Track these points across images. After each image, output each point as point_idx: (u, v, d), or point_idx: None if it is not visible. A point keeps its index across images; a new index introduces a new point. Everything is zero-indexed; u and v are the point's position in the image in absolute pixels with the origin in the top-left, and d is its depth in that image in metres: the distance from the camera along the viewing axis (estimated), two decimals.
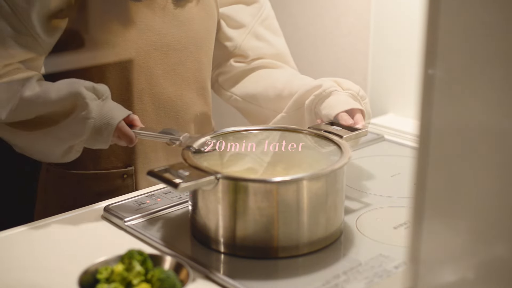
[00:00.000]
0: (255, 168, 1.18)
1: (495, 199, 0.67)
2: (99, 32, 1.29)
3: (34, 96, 1.25)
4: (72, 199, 1.39)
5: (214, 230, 1.10)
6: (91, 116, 1.22)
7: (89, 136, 1.24)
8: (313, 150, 1.24)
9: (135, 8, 1.31)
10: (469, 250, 0.71)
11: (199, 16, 1.40)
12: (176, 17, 1.37)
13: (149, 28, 1.33)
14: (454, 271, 0.72)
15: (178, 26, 1.37)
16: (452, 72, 0.66)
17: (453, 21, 0.65)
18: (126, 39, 1.31)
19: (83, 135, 1.24)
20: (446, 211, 0.71)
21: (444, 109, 0.68)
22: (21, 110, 1.27)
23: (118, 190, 1.40)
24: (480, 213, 0.69)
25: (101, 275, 0.95)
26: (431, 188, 0.70)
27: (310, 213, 1.08)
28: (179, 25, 1.37)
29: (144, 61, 1.34)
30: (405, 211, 1.25)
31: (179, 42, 1.38)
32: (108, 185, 1.40)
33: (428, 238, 0.72)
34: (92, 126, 1.23)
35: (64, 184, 1.41)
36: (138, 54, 1.33)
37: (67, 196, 1.41)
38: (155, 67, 1.36)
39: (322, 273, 1.04)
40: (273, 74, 1.49)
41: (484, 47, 0.64)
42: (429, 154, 0.69)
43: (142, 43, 1.33)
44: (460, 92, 0.67)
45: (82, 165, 1.39)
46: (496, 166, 0.66)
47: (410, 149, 1.58)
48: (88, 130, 1.23)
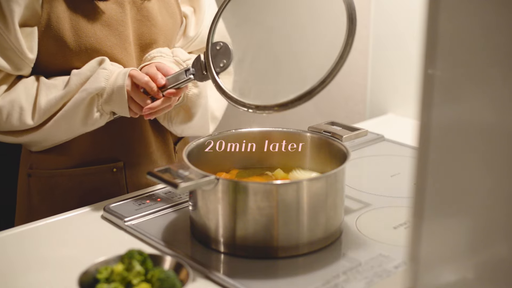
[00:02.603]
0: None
1: (495, 199, 0.67)
2: (70, 36, 1.29)
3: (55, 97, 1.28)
4: (62, 200, 1.38)
5: (214, 230, 1.10)
6: (106, 67, 1.28)
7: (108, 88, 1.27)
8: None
9: (103, 5, 1.31)
10: (469, 250, 0.71)
11: (160, 12, 1.41)
12: (141, 12, 1.37)
13: (120, 23, 1.33)
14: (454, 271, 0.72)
15: (144, 22, 1.38)
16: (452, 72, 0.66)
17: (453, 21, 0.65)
18: (98, 38, 1.31)
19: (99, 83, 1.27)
20: (446, 211, 0.71)
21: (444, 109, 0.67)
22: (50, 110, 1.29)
23: (109, 185, 1.40)
24: (480, 213, 0.69)
25: (101, 275, 0.95)
26: (431, 188, 0.70)
27: (310, 213, 1.08)
28: (144, 20, 1.38)
29: (122, 56, 1.34)
30: (405, 211, 1.25)
31: (149, 37, 1.39)
32: (99, 181, 1.39)
33: (428, 238, 0.72)
34: (105, 75, 1.27)
35: (53, 186, 1.40)
36: (114, 51, 1.33)
37: (57, 198, 1.40)
38: (130, 62, 1.36)
39: (322, 273, 1.04)
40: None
41: (484, 47, 0.64)
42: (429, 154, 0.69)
43: (116, 40, 1.33)
44: (460, 92, 0.67)
45: (70, 162, 1.39)
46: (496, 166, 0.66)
47: (410, 149, 1.58)
48: (103, 80, 1.27)
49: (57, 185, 1.40)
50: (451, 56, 0.66)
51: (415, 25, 1.68)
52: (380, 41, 1.93)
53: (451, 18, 0.65)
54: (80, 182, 1.39)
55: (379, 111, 1.96)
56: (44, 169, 1.40)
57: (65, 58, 1.30)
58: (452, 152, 0.69)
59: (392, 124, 1.86)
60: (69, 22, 1.29)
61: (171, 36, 1.44)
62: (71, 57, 1.30)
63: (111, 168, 1.40)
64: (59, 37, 1.28)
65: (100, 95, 1.28)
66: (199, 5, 1.48)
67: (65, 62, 1.31)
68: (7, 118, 1.28)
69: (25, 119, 1.28)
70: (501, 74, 0.64)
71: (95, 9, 1.30)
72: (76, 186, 1.39)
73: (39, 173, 1.41)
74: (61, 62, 1.31)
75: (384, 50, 1.93)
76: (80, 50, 1.30)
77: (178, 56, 1.39)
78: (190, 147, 1.19)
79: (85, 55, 1.30)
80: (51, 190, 1.40)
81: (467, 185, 0.69)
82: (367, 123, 1.87)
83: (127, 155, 1.41)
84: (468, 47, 0.65)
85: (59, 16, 1.28)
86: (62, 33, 1.28)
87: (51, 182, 1.40)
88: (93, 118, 1.30)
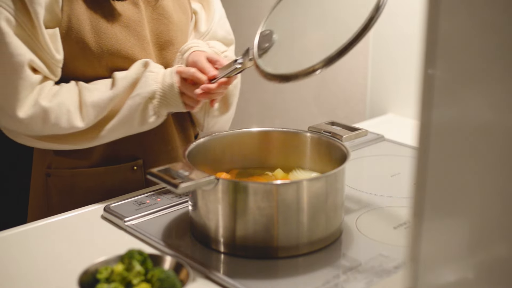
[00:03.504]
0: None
1: (495, 199, 0.67)
2: (91, 37, 1.29)
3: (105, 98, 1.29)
4: (83, 199, 1.38)
5: (214, 230, 1.10)
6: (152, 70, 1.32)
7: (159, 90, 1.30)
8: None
9: (119, 6, 1.31)
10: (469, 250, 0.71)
11: (175, 9, 1.42)
12: (157, 11, 1.38)
13: (137, 23, 1.34)
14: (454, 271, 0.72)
15: (161, 20, 1.39)
16: (452, 72, 0.66)
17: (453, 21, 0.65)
18: (118, 39, 1.31)
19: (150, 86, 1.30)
20: (446, 211, 0.71)
21: (444, 109, 0.67)
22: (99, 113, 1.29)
23: (129, 183, 1.40)
24: (480, 213, 0.69)
25: (101, 275, 0.95)
26: (431, 188, 0.70)
27: (310, 213, 1.08)
28: (160, 18, 1.39)
29: (141, 57, 1.34)
30: (405, 211, 1.25)
31: (167, 34, 1.39)
32: (119, 179, 1.39)
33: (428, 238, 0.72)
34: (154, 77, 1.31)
35: (73, 185, 1.41)
36: (134, 51, 1.33)
37: (77, 197, 1.40)
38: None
39: (322, 273, 1.04)
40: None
41: (484, 47, 0.64)
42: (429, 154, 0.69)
43: (135, 40, 1.33)
44: (460, 92, 0.67)
45: (91, 162, 1.39)
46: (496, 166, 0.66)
47: (410, 149, 1.58)
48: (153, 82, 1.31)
49: (78, 184, 1.40)
50: (451, 56, 0.66)
51: (415, 25, 1.68)
52: (380, 41, 1.93)
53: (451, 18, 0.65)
54: (101, 181, 1.40)
55: (379, 111, 1.96)
56: (64, 168, 1.40)
57: (86, 60, 1.31)
58: (452, 152, 0.69)
59: (392, 124, 1.86)
60: (89, 24, 1.30)
61: (187, 32, 1.46)
62: (92, 59, 1.31)
63: (131, 166, 1.40)
64: (80, 39, 1.29)
65: (152, 98, 1.31)
66: (208, 1, 1.51)
67: (86, 65, 1.31)
68: (55, 120, 1.27)
69: (74, 122, 1.28)
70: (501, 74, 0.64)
71: (113, 10, 1.31)
72: (97, 185, 1.40)
73: (59, 173, 1.41)
74: (82, 65, 1.31)
75: (384, 50, 1.93)
76: (102, 52, 1.30)
77: (215, 47, 1.44)
78: (190, 147, 1.19)
79: (106, 56, 1.31)
80: (71, 189, 1.41)
81: (467, 185, 0.69)
82: (367, 123, 1.87)
83: (146, 152, 1.42)
84: (468, 47, 0.65)
85: (79, 18, 1.29)
86: (83, 34, 1.29)
87: (72, 181, 1.40)
88: (150, 120, 1.33)
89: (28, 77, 1.24)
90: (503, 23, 0.63)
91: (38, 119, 1.26)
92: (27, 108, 1.25)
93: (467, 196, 0.69)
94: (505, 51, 0.63)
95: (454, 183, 0.69)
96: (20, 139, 1.33)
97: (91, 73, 1.32)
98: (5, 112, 1.26)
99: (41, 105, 1.25)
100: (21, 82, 1.24)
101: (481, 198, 0.68)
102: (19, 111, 1.25)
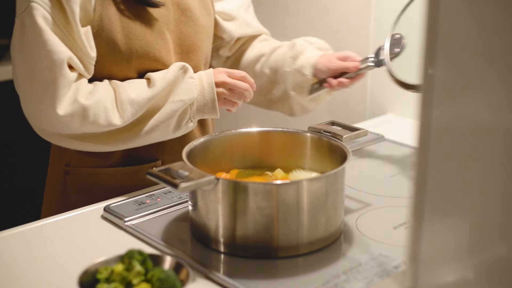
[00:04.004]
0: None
1: (495, 199, 0.67)
2: (121, 38, 1.30)
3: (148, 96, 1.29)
4: (102, 199, 1.38)
5: (214, 230, 1.10)
6: (193, 76, 1.34)
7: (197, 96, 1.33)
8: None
9: (152, 9, 1.33)
10: (469, 250, 0.71)
11: (200, 11, 1.43)
12: (185, 13, 1.39)
13: (165, 26, 1.35)
14: (454, 271, 0.72)
15: (189, 22, 1.40)
16: (452, 72, 0.67)
17: (453, 21, 0.65)
18: (147, 41, 1.32)
19: (193, 93, 1.32)
20: (446, 211, 0.71)
21: (444, 109, 0.68)
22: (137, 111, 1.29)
23: (148, 184, 1.40)
24: (480, 213, 0.69)
25: (101, 275, 0.95)
26: (431, 188, 0.70)
27: (310, 213, 1.08)
28: (188, 21, 1.40)
29: (167, 59, 1.35)
30: (405, 211, 1.25)
31: (194, 37, 1.41)
32: (138, 179, 1.39)
33: (428, 238, 0.72)
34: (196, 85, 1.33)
35: (92, 184, 1.40)
36: (161, 54, 1.34)
37: (96, 196, 1.39)
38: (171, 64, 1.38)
39: (322, 273, 1.04)
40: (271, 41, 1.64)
41: (484, 47, 0.64)
42: (429, 154, 0.69)
43: (162, 43, 1.34)
44: (460, 92, 0.67)
45: (111, 161, 1.39)
46: (496, 166, 0.66)
47: (410, 149, 1.58)
48: (195, 90, 1.32)
49: (97, 183, 1.40)
50: (451, 56, 0.66)
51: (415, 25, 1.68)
52: (380, 41, 1.93)
53: (451, 18, 0.65)
54: (121, 181, 1.39)
55: (379, 111, 1.96)
56: (84, 167, 1.40)
57: (114, 60, 1.31)
58: (452, 152, 0.69)
59: (392, 124, 1.86)
60: (120, 25, 1.30)
61: (211, 34, 1.48)
62: (120, 60, 1.31)
63: (151, 167, 1.40)
64: (110, 39, 1.29)
65: (192, 105, 1.33)
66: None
67: (114, 65, 1.32)
68: (93, 118, 1.26)
69: (112, 119, 1.27)
70: (501, 74, 0.64)
71: (144, 12, 1.32)
72: (117, 185, 1.39)
73: (79, 171, 1.40)
74: (110, 65, 1.31)
75: None
76: (131, 53, 1.31)
77: (316, 43, 1.55)
78: (190, 147, 1.19)
79: (135, 58, 1.32)
80: (90, 188, 1.40)
81: (467, 185, 0.69)
82: (367, 123, 1.86)
83: (165, 153, 1.42)
84: (468, 47, 0.65)
85: (111, 18, 1.29)
86: (114, 35, 1.29)
87: (91, 180, 1.40)
88: (184, 126, 1.34)
89: (67, 75, 1.23)
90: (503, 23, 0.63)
91: (77, 117, 1.25)
92: (66, 106, 1.24)
93: (467, 196, 0.69)
94: (505, 51, 0.63)
95: (454, 183, 0.69)
96: (55, 139, 1.32)
97: (118, 74, 1.32)
98: (43, 110, 1.25)
99: (80, 102, 1.24)
100: (61, 80, 1.23)
101: (481, 198, 0.68)
102: (59, 108, 1.23)
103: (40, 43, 1.22)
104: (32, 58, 1.24)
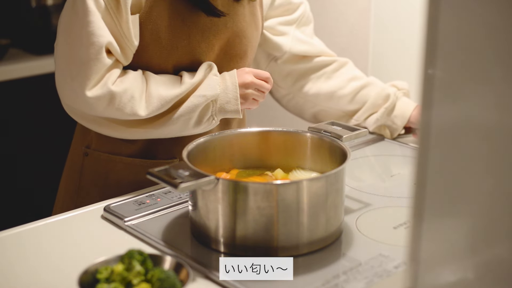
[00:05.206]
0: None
1: (495, 199, 0.67)
2: (166, 33, 1.31)
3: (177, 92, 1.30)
4: (115, 187, 1.39)
5: (214, 230, 1.10)
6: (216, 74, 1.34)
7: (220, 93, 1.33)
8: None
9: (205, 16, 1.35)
10: (469, 250, 0.71)
11: (249, 25, 1.44)
12: (237, 25, 1.40)
13: (213, 33, 1.36)
14: (454, 271, 0.72)
15: (238, 33, 1.40)
16: (452, 72, 0.67)
17: (453, 21, 0.65)
18: (191, 41, 1.33)
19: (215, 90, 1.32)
20: (446, 211, 0.71)
21: (444, 109, 0.68)
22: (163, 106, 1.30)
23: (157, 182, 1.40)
24: (480, 213, 0.69)
25: (101, 275, 0.95)
26: (431, 188, 0.70)
27: (310, 213, 1.08)
28: (239, 32, 1.40)
29: (207, 61, 1.36)
30: (405, 211, 1.25)
31: (240, 48, 1.41)
32: None
33: (428, 238, 0.72)
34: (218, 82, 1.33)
35: (108, 170, 1.41)
36: (201, 57, 1.35)
37: (109, 183, 1.41)
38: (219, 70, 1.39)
39: (322, 273, 1.04)
40: (337, 76, 1.62)
41: (484, 47, 0.64)
42: (429, 154, 0.69)
43: (205, 47, 1.34)
44: (460, 92, 0.67)
45: (129, 151, 1.40)
46: (496, 166, 0.66)
47: (410, 149, 1.58)
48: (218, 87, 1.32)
49: (113, 170, 1.41)
50: (451, 56, 0.66)
51: (415, 25, 1.68)
52: (380, 41, 1.93)
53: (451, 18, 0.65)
54: (135, 172, 1.40)
55: None
56: (102, 151, 1.41)
57: (154, 53, 1.32)
58: (452, 152, 0.69)
59: None
60: (167, 20, 1.31)
61: (256, 47, 1.49)
62: (160, 53, 1.32)
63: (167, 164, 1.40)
64: (155, 31, 1.31)
65: (215, 101, 1.33)
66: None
67: (153, 57, 1.33)
68: (119, 105, 1.27)
69: (137, 110, 1.28)
70: (501, 74, 0.64)
71: (196, 17, 1.33)
72: (130, 176, 1.40)
73: (97, 155, 1.42)
74: (149, 56, 1.33)
75: (384, 50, 1.93)
76: (172, 49, 1.32)
77: (404, 88, 1.65)
78: (190, 147, 1.19)
79: (176, 54, 1.33)
80: (105, 173, 1.41)
81: (467, 185, 0.69)
82: None
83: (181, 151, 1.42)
84: (468, 47, 0.65)
85: (160, 12, 1.30)
86: (159, 28, 1.31)
87: (107, 166, 1.41)
88: (205, 122, 1.34)
89: (103, 59, 1.25)
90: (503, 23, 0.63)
91: (103, 100, 1.26)
92: (96, 89, 1.25)
93: (467, 196, 0.69)
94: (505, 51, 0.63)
95: (454, 183, 0.69)
96: (78, 116, 1.33)
97: (155, 66, 1.34)
98: (73, 88, 1.27)
99: (109, 88, 1.26)
100: (96, 63, 1.24)
101: (481, 198, 0.68)
102: (88, 90, 1.25)
103: (84, 22, 1.24)
104: (74, 36, 1.26)
